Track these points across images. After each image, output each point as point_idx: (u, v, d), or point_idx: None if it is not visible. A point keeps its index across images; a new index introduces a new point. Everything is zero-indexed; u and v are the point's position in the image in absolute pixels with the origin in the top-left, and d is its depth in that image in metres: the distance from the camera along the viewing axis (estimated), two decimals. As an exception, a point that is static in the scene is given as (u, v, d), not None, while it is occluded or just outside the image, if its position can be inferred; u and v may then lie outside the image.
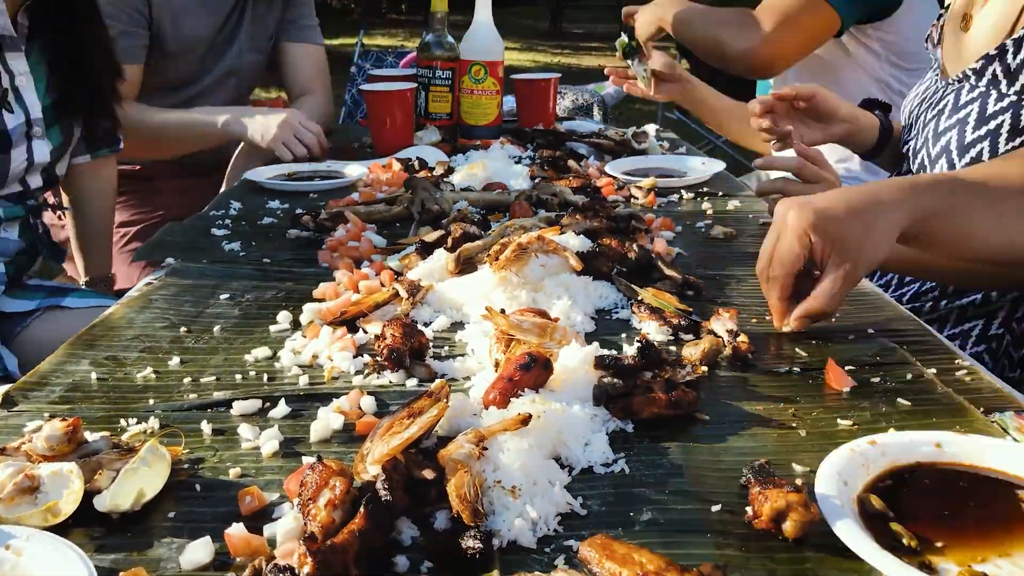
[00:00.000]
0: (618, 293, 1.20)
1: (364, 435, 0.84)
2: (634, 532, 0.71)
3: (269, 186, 1.81)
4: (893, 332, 1.09)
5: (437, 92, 2.24)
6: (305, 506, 0.69)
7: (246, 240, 1.47)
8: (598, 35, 15.29)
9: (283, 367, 1.00)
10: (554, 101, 2.40)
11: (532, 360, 0.86)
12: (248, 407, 0.90)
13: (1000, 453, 0.78)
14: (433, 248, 1.30)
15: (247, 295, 1.22)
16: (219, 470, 0.80)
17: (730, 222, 1.56)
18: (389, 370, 0.97)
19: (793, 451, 0.83)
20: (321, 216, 1.50)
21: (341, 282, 1.22)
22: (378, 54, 5.23)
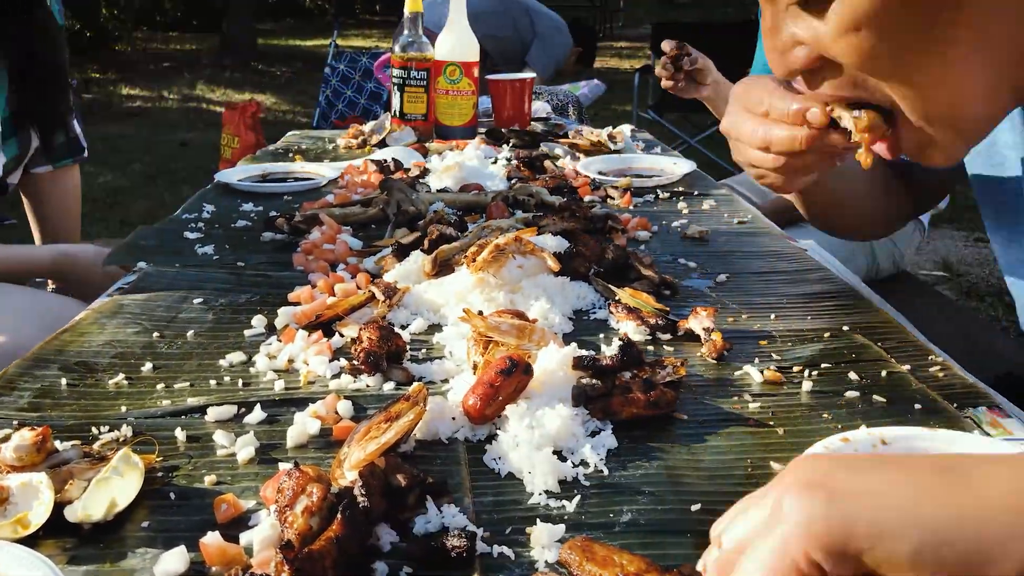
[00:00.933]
0: (595, 293, 1.20)
1: (341, 440, 0.84)
2: (614, 534, 0.70)
3: (241, 188, 1.79)
4: (868, 329, 1.10)
5: (412, 93, 2.23)
6: (282, 513, 0.68)
7: (219, 243, 1.45)
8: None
9: (258, 372, 0.99)
10: (529, 101, 2.40)
11: (513, 365, 0.85)
12: (223, 413, 0.89)
13: (973, 447, 0.78)
14: (409, 250, 1.30)
15: (221, 299, 1.21)
16: (194, 478, 0.79)
17: (705, 221, 1.57)
18: (366, 374, 0.96)
19: (770, 450, 0.83)
20: (295, 219, 1.48)
21: (316, 285, 1.21)
22: (352, 55, 5.21)
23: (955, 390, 0.94)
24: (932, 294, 2.11)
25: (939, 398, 0.91)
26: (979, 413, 0.89)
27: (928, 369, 0.99)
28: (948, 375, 0.98)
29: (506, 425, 0.83)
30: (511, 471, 0.78)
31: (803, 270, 1.33)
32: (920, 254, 4.41)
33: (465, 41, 2.19)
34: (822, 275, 1.31)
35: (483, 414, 0.83)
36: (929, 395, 0.92)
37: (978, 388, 0.95)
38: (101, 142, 7.06)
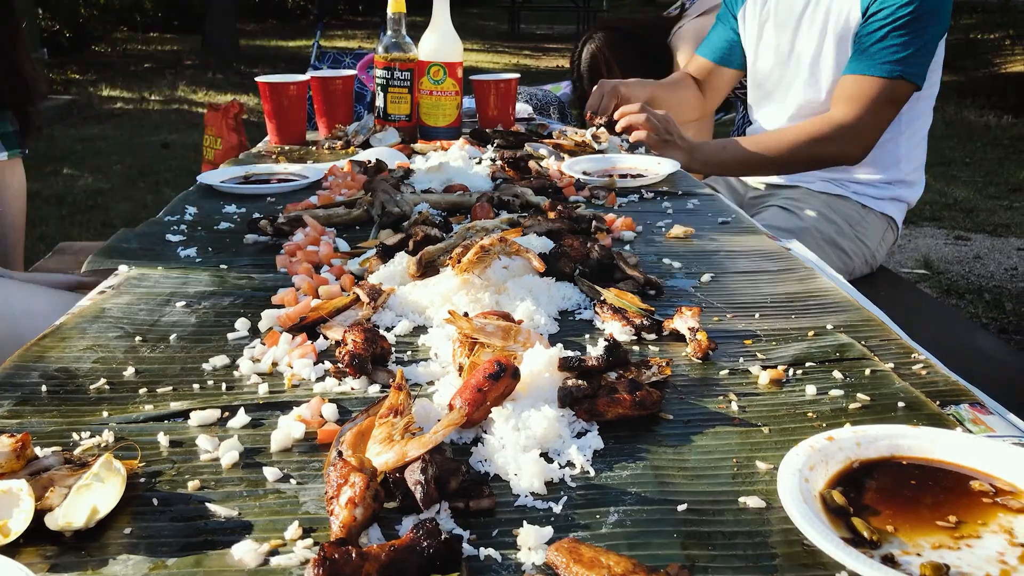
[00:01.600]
0: (581, 294, 1.20)
1: (326, 444, 0.83)
2: (601, 534, 0.70)
3: (224, 190, 1.78)
4: (852, 328, 1.10)
5: (396, 93, 2.22)
6: (329, 504, 0.70)
7: (202, 246, 1.44)
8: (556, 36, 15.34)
9: (242, 375, 0.98)
10: (514, 102, 2.39)
11: (501, 369, 0.85)
12: (206, 417, 0.88)
13: (954, 444, 0.79)
14: (394, 251, 1.29)
15: (204, 302, 1.20)
16: (177, 483, 0.78)
17: (689, 221, 1.57)
18: (351, 377, 0.96)
19: (756, 449, 0.83)
20: (279, 220, 1.48)
21: (300, 287, 1.20)
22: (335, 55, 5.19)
23: (938, 387, 0.95)
24: (913, 292, 2.12)
25: (922, 396, 0.92)
26: (961, 410, 0.90)
27: (911, 367, 1.00)
28: (931, 373, 0.98)
29: (492, 427, 0.83)
30: (497, 473, 0.78)
31: (787, 269, 1.34)
32: (901, 252, 4.44)
33: (449, 41, 2.19)
34: (805, 274, 1.32)
35: (470, 418, 0.83)
36: (912, 393, 0.93)
37: (960, 385, 0.96)
38: (81, 144, 6.99)
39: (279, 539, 0.70)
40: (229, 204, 1.69)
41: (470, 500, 0.72)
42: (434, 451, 0.74)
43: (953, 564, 0.65)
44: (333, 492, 0.70)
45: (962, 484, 0.75)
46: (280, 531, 0.71)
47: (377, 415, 0.81)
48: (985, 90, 9.24)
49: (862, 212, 2.07)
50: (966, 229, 4.91)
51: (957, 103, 8.61)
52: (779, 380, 0.96)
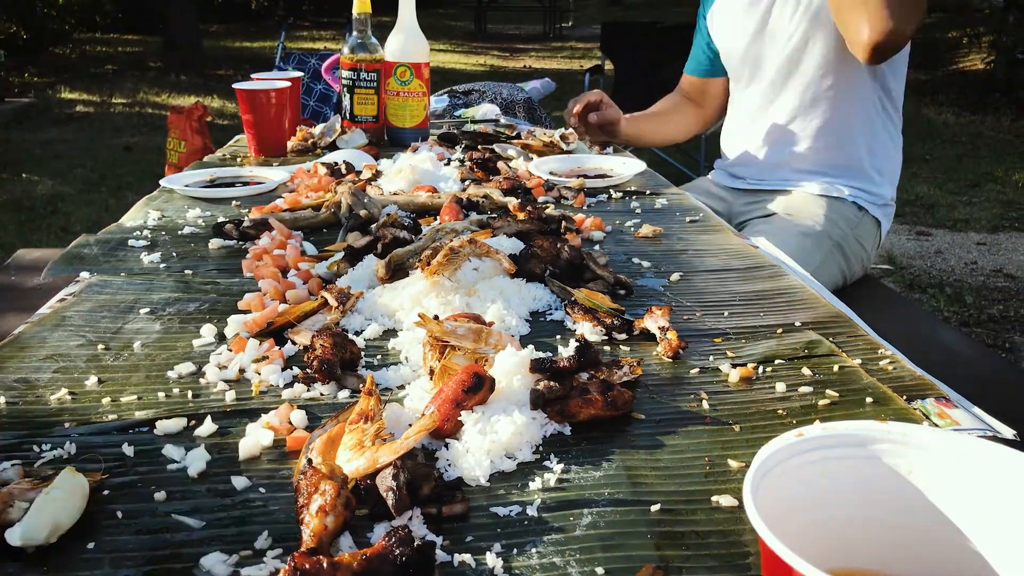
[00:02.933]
0: (551, 295, 1.19)
1: (295, 451, 0.82)
2: (574, 536, 0.70)
3: (188, 194, 1.75)
4: (819, 325, 1.11)
5: (362, 95, 2.21)
6: (299, 513, 0.69)
7: (166, 251, 1.41)
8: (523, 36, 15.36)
9: (208, 383, 0.97)
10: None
11: (479, 382, 0.84)
12: (172, 426, 0.87)
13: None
14: (362, 254, 1.28)
15: (168, 309, 1.18)
16: (143, 494, 0.76)
17: (658, 220, 1.58)
18: (320, 382, 0.94)
19: (727, 447, 0.84)
20: (244, 224, 1.46)
21: (267, 292, 1.18)
22: (300, 56, 5.14)
23: (904, 382, 0.96)
24: (878, 287, 2.15)
25: (889, 391, 0.93)
26: (927, 404, 0.91)
27: (878, 363, 1.01)
28: (897, 368, 1.00)
29: (460, 432, 0.82)
30: (461, 476, 0.78)
31: (754, 267, 1.35)
32: (866, 248, 4.51)
33: (415, 42, 2.18)
34: (773, 272, 1.33)
35: (442, 429, 0.82)
36: (879, 388, 0.94)
37: (925, 380, 0.97)
38: (40, 147, 6.85)
39: (248, 550, 0.68)
40: (193, 208, 1.66)
41: (443, 505, 0.72)
42: (406, 456, 0.73)
43: (922, 558, 0.66)
44: (303, 500, 0.69)
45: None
46: (249, 541, 0.69)
47: (347, 421, 0.80)
48: (944, 88, 9.43)
49: (859, 215, 2.06)
50: (927, 225, 5.01)
51: (917, 101, 8.77)
52: (749, 378, 0.97)
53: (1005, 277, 4.19)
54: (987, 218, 5.08)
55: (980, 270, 4.29)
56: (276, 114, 2.08)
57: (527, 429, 0.82)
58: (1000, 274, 4.23)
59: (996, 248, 4.62)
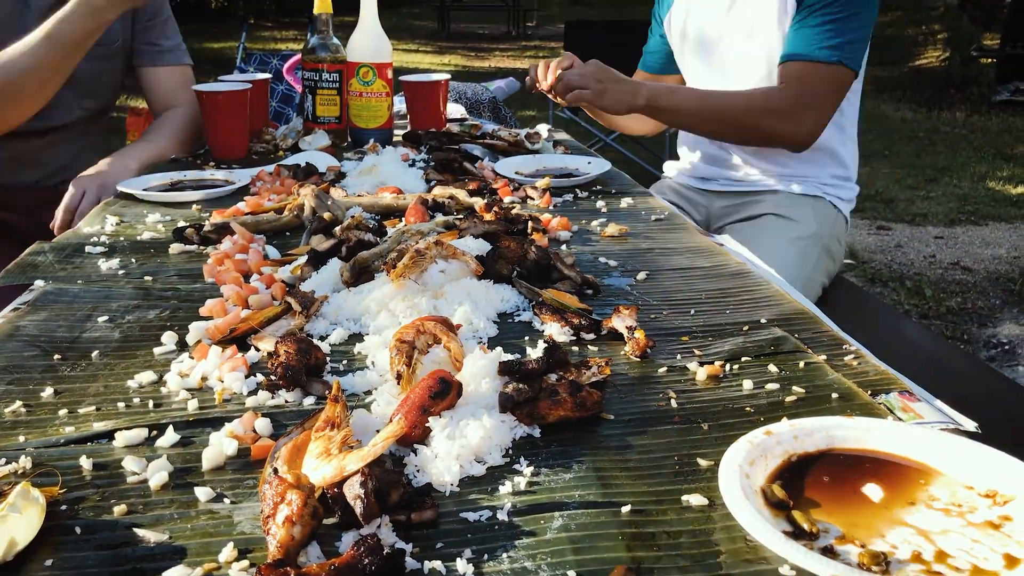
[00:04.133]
0: (519, 296, 1.19)
1: (260, 460, 0.81)
2: (545, 541, 0.70)
3: (147, 198, 1.71)
4: (785, 322, 1.12)
5: (324, 95, 2.18)
6: (265, 523, 0.67)
7: (125, 257, 1.38)
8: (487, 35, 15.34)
9: (170, 392, 0.95)
10: (444, 103, 2.38)
11: (446, 386, 0.83)
12: (132, 437, 0.84)
13: (887, 433, 0.81)
14: (326, 257, 1.26)
15: (128, 316, 1.15)
16: (102, 509, 0.74)
17: (624, 219, 1.58)
18: (284, 389, 0.93)
19: (696, 446, 0.84)
20: (206, 228, 1.43)
21: (229, 298, 1.16)
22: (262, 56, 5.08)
23: (868, 377, 0.97)
24: (841, 282, 2.17)
25: (854, 387, 0.94)
26: (891, 399, 0.92)
27: (843, 358, 1.02)
28: (861, 363, 1.01)
29: (429, 437, 0.81)
30: (430, 482, 0.77)
31: (720, 265, 1.36)
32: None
33: (377, 41, 2.16)
34: (738, 269, 1.34)
35: (410, 436, 0.81)
36: (844, 384, 0.95)
37: (889, 374, 0.98)
38: (-6, 151, 6.67)
39: (213, 563, 0.67)
40: (153, 212, 1.63)
41: (412, 512, 0.71)
42: (373, 464, 0.72)
43: (888, 551, 0.67)
44: (269, 511, 0.68)
45: (897, 472, 0.77)
46: (214, 554, 0.68)
47: (313, 428, 0.79)
48: (901, 85, 9.61)
49: (835, 213, 2.07)
50: (887, 219, 5.10)
51: (875, 97, 8.93)
52: (716, 376, 0.97)
53: (962, 270, 4.28)
54: (944, 212, 5.19)
55: (938, 263, 4.38)
56: (235, 116, 2.04)
57: (496, 433, 0.82)
58: (957, 267, 4.32)
59: (953, 241, 4.72)
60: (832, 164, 2.07)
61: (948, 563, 0.65)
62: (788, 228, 1.98)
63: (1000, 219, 5.06)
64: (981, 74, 9.20)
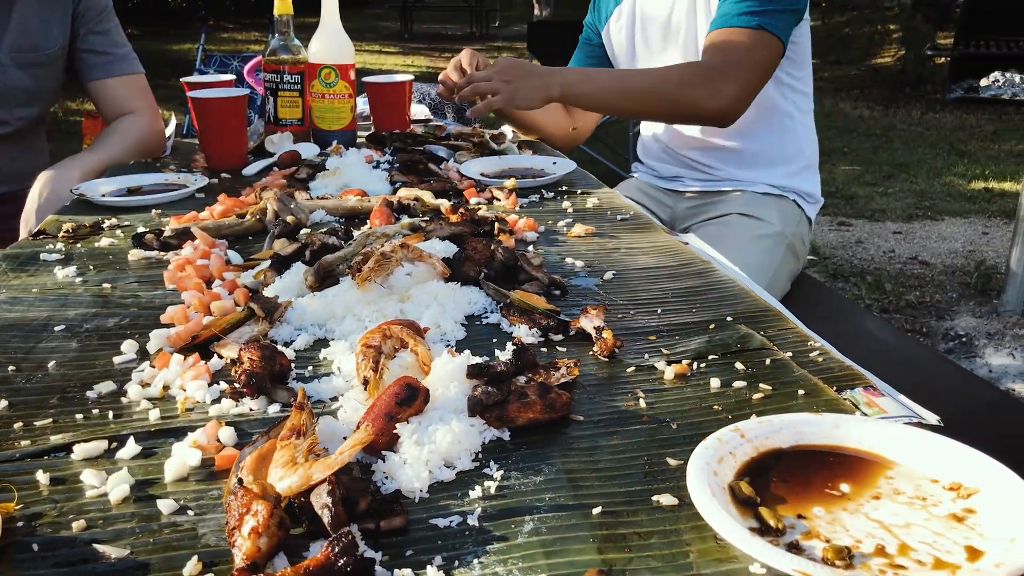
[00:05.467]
0: (487, 298, 1.18)
1: (225, 470, 0.79)
2: (516, 545, 0.69)
3: (105, 203, 1.68)
4: (750, 319, 1.13)
5: (286, 97, 2.15)
6: (231, 536, 0.66)
7: (82, 264, 1.35)
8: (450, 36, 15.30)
9: (130, 401, 0.92)
10: (408, 104, 2.36)
11: (412, 393, 0.82)
12: (91, 450, 0.82)
13: (853, 428, 0.82)
14: (290, 262, 1.24)
15: (86, 325, 1.12)
16: (60, 524, 0.72)
17: (590, 219, 1.59)
18: (249, 397, 0.91)
19: (665, 445, 0.84)
20: (166, 234, 1.40)
21: (191, 304, 1.14)
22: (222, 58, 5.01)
23: (834, 373, 0.98)
24: (804, 278, 2.20)
25: (820, 383, 0.95)
26: (856, 394, 0.93)
27: (808, 354, 1.03)
28: (826, 359, 1.02)
29: (396, 443, 0.80)
30: (399, 489, 0.76)
31: (685, 263, 1.36)
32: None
33: (339, 43, 2.13)
34: (703, 267, 1.34)
35: (377, 443, 0.80)
36: (810, 380, 0.96)
37: (853, 370, 0.99)
38: (-56, 157, 6.49)
39: (177, 577, 0.65)
40: (111, 218, 1.60)
41: (381, 520, 0.70)
42: (341, 471, 0.71)
43: (852, 546, 0.67)
44: (235, 522, 0.67)
45: (863, 466, 0.78)
46: (178, 568, 0.66)
47: (278, 437, 0.77)
48: (858, 83, 9.78)
49: (798, 212, 2.08)
50: (847, 215, 5.18)
51: (834, 96, 9.08)
52: (684, 374, 0.98)
53: (920, 264, 4.37)
54: (902, 208, 5.28)
55: (897, 258, 4.46)
56: (236, 123, 1.99)
57: (465, 437, 0.81)
58: (915, 261, 4.41)
59: (911, 236, 4.81)
60: (796, 165, 2.10)
61: (911, 556, 0.66)
62: (753, 227, 1.99)
63: (955, 214, 5.17)
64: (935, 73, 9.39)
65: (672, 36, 2.06)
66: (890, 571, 0.64)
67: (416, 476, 0.76)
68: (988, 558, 0.65)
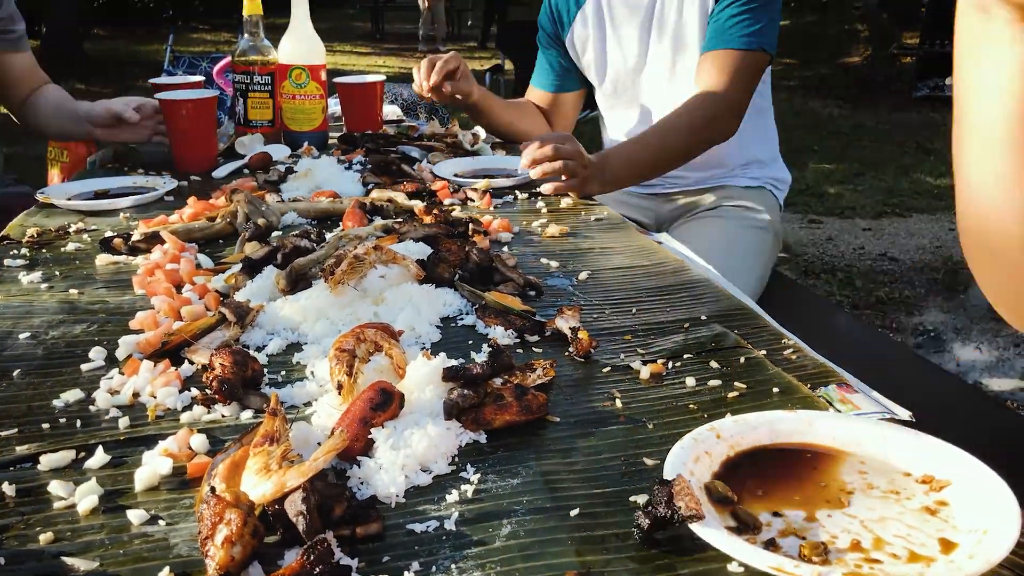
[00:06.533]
0: (462, 299, 1.18)
1: (197, 478, 0.78)
2: (494, 549, 0.69)
3: (71, 207, 1.64)
4: (724, 317, 1.14)
5: (257, 99, 2.13)
6: (203, 545, 0.65)
7: (48, 270, 1.32)
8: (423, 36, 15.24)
9: (99, 410, 0.91)
10: (380, 105, 2.35)
11: (387, 398, 0.82)
12: (59, 460, 0.80)
13: (828, 425, 0.82)
14: (261, 265, 1.23)
15: (52, 332, 1.10)
16: (27, 537, 0.70)
17: (564, 219, 1.59)
18: (221, 403, 0.90)
19: (642, 445, 0.84)
20: (134, 238, 1.38)
21: (161, 309, 1.12)
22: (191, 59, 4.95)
23: (807, 371, 0.99)
24: (776, 275, 2.22)
25: (794, 380, 0.96)
26: (830, 391, 0.94)
27: (782, 352, 1.04)
28: (800, 356, 1.03)
29: (372, 448, 0.79)
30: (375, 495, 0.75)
31: (659, 263, 1.37)
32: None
33: (310, 43, 2.11)
34: (677, 267, 1.35)
35: (352, 449, 0.79)
36: (785, 378, 0.96)
37: (827, 367, 1.00)
38: (-95, 161, 6.35)
39: (148, 589, 0.64)
40: (78, 222, 1.57)
41: (357, 526, 0.69)
42: (315, 478, 0.70)
43: (828, 541, 0.68)
44: (207, 531, 0.66)
45: (838, 462, 0.79)
46: (149, 580, 0.65)
47: (252, 444, 0.76)
48: (827, 82, 9.90)
49: (774, 200, 2.11)
50: (818, 213, 5.24)
51: (803, 95, 9.18)
52: (659, 374, 0.98)
53: (889, 260, 4.43)
54: (871, 205, 5.36)
55: (867, 255, 4.52)
56: (205, 125, 1.96)
57: (442, 440, 0.81)
58: (885, 258, 4.47)
59: (880, 233, 4.87)
60: (764, 156, 2.13)
61: (886, 550, 0.67)
62: (745, 218, 2.02)
63: (923, 211, 5.25)
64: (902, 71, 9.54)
65: (657, 27, 2.05)
66: (866, 566, 0.65)
67: (392, 481, 0.75)
68: (961, 550, 0.66)
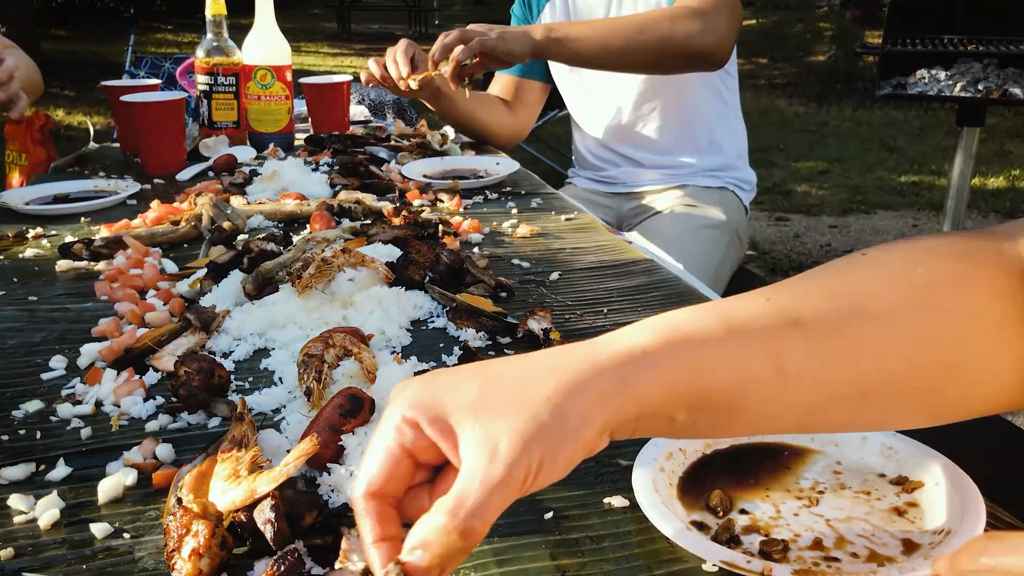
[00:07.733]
0: (432, 301, 1.17)
1: (163, 488, 0.76)
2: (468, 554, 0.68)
3: (29, 212, 1.61)
4: (695, 316, 1.14)
5: (221, 100, 2.10)
6: (170, 558, 0.63)
7: (5, 277, 1.29)
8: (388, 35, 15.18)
9: (60, 420, 0.88)
10: (347, 105, 2.33)
11: (357, 404, 0.80)
12: (18, 473, 0.78)
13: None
14: (227, 269, 1.21)
15: (10, 341, 1.07)
16: (-15, 554, 0.68)
17: (535, 220, 1.58)
18: (187, 411, 0.88)
19: (616, 445, 0.83)
20: (95, 243, 1.35)
21: (124, 316, 1.10)
22: (153, 60, 4.87)
23: (777, 368, 0.99)
24: (744, 273, 2.23)
25: (764, 378, 0.96)
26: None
27: (752, 350, 1.04)
28: (770, 354, 1.03)
29: (342, 455, 0.78)
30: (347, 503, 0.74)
31: (629, 262, 1.37)
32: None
33: (275, 43, 2.09)
34: (647, 266, 1.35)
35: (322, 456, 0.77)
36: (755, 376, 0.96)
37: (797, 364, 1.00)
38: None
39: (112, 605, 0.62)
40: (36, 227, 1.53)
41: (327, 535, 0.68)
42: (284, 486, 0.69)
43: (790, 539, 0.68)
44: (174, 544, 0.64)
45: (812, 461, 0.79)
46: (113, 595, 0.63)
47: (219, 451, 0.74)
48: (793, 81, 10.03)
49: (737, 203, 2.11)
50: (785, 210, 5.30)
51: (769, 93, 9.28)
52: (632, 374, 0.97)
53: (856, 257, 4.49)
54: (837, 202, 5.43)
55: (834, 251, 4.58)
56: (174, 127, 1.92)
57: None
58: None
59: (847, 230, 4.94)
60: (731, 154, 2.14)
61: (847, 550, 0.67)
62: (698, 218, 2.02)
63: (887, 207, 5.33)
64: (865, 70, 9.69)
65: (618, 12, 2.04)
66: (823, 564, 0.65)
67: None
68: (920, 551, 0.66)
